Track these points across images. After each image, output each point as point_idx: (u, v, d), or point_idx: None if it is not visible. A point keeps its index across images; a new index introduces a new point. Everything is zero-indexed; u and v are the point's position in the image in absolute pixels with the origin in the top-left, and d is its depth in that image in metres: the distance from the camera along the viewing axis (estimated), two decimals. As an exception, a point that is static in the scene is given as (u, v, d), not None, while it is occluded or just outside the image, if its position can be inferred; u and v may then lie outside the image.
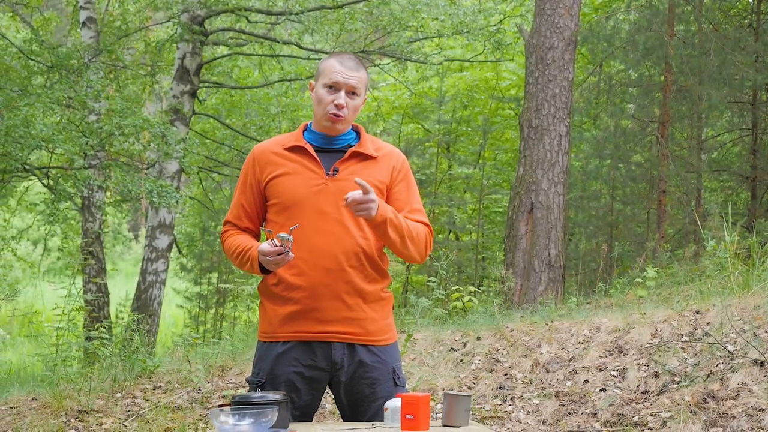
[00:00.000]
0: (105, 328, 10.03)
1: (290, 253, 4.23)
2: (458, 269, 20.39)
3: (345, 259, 4.40)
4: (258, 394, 4.17)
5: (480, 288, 12.60)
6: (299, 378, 4.44)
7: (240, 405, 4.06)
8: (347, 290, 4.41)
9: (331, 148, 4.54)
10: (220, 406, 4.14)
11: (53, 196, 14.89)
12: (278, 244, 4.23)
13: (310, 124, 4.65)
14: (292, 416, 4.35)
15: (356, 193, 4.19)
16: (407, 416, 4.09)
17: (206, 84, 21.05)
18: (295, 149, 4.51)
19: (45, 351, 10.11)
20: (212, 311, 23.35)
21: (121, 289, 24.90)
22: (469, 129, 22.75)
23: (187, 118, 18.68)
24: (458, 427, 4.22)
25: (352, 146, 4.56)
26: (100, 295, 18.30)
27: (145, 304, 18.04)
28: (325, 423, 4.72)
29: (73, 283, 10.25)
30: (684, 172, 16.33)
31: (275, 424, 3.99)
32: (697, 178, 16.65)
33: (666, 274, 12.04)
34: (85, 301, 16.56)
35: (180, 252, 22.96)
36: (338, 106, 4.46)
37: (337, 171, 4.45)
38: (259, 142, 20.27)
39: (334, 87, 4.48)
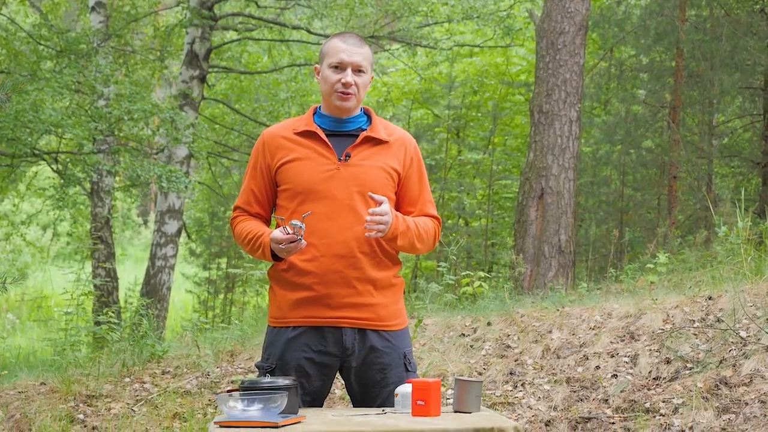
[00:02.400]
0: (113, 312, 9.99)
1: (303, 240, 4.21)
2: (467, 255, 20.34)
3: (357, 245, 4.38)
4: (267, 379, 4.14)
5: (489, 274, 12.55)
6: (309, 363, 4.43)
7: (249, 390, 4.03)
8: (358, 277, 4.40)
9: (342, 132, 4.52)
10: (228, 391, 4.11)
11: (62, 181, 14.87)
12: (291, 231, 4.20)
13: (320, 107, 4.62)
14: (302, 402, 4.34)
15: (373, 211, 4.23)
16: (418, 402, 4.08)
17: (215, 69, 21.01)
18: (306, 134, 4.49)
19: (54, 336, 10.10)
20: (221, 296, 23.34)
21: (130, 274, 24.89)
22: (479, 114, 22.67)
23: (196, 103, 18.63)
24: (469, 412, 4.20)
25: (363, 130, 4.52)
26: (109, 280, 18.31)
27: (154, 289, 18.03)
28: (336, 408, 4.69)
29: (82, 268, 10.24)
30: (695, 158, 16.26)
31: (285, 409, 3.96)
32: (708, 164, 16.58)
33: (677, 260, 11.98)
34: (94, 286, 16.58)
35: (189, 237, 22.94)
36: (346, 84, 4.44)
37: (349, 156, 4.43)
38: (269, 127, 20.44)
39: (339, 66, 4.46)
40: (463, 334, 8.72)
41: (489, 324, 8.79)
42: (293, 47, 22.26)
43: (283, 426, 3.81)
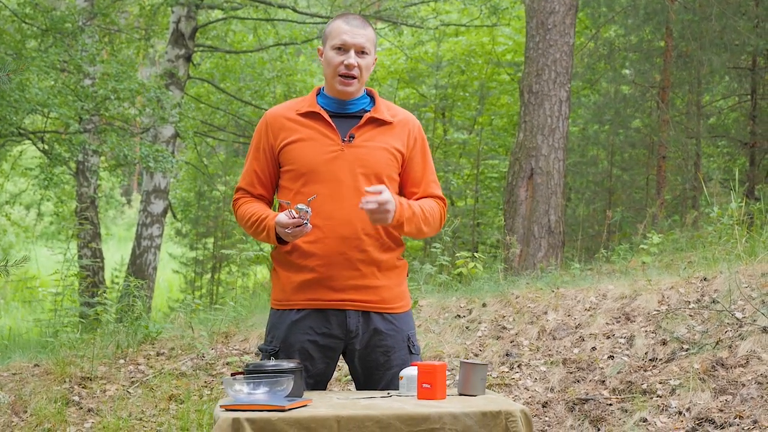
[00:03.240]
0: (104, 293, 9.95)
1: (308, 224, 4.18)
2: (454, 234, 20.35)
3: (361, 227, 4.37)
4: (272, 362, 4.12)
5: (475, 254, 12.56)
6: (313, 346, 4.42)
7: (254, 373, 4.01)
8: (363, 258, 4.39)
9: (345, 113, 4.50)
10: (233, 374, 4.10)
11: (48, 160, 14.79)
12: (296, 215, 4.17)
13: (323, 88, 4.59)
14: (305, 384, 4.31)
15: (371, 201, 4.19)
16: (424, 385, 4.08)
17: (201, 48, 20.91)
18: (310, 115, 4.47)
19: (42, 316, 10.04)
20: (207, 276, 23.28)
21: (114, 253, 24.86)
22: (466, 94, 22.65)
23: (182, 83, 18.57)
24: (474, 395, 4.19)
25: (366, 111, 4.50)
26: (95, 260, 18.24)
27: (140, 269, 18.00)
28: (340, 391, 4.68)
29: (68, 248, 10.19)
30: (684, 138, 16.27)
31: (290, 392, 3.94)
32: (696, 144, 16.60)
33: (667, 240, 11.98)
34: (81, 266, 16.52)
35: (174, 217, 22.88)
36: (349, 66, 4.42)
37: (353, 137, 4.41)
38: (255, 106, 20.29)
39: (342, 48, 4.44)
40: (459, 316, 8.71)
41: (484, 305, 8.78)
42: (278, 26, 22.18)
43: (290, 409, 3.78)
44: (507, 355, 7.90)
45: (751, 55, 16.25)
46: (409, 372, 4.21)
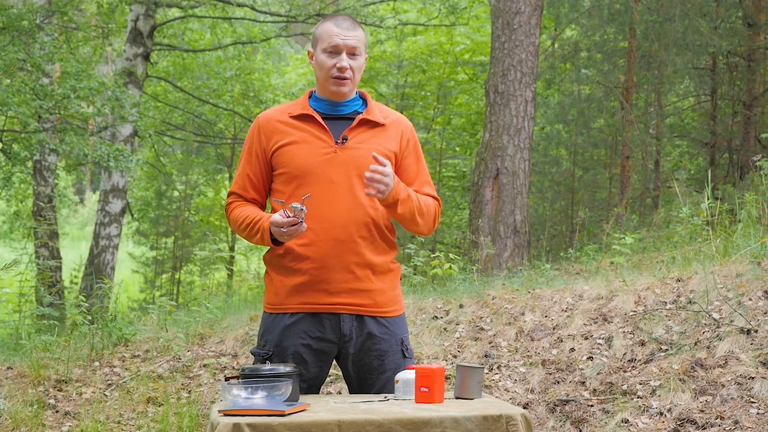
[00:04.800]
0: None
1: (303, 223, 4.13)
2: (412, 234, 20.33)
3: (355, 230, 4.34)
4: (268, 366, 4.08)
5: (433, 253, 12.54)
6: (307, 350, 4.39)
7: (252, 378, 3.97)
8: (357, 262, 4.36)
9: (338, 115, 4.48)
10: (227, 378, 4.06)
11: (7, 159, 14.63)
12: (291, 214, 4.12)
13: (315, 91, 4.55)
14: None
15: (375, 169, 4.16)
16: (422, 389, 4.07)
17: (159, 46, 20.78)
18: (302, 117, 4.44)
19: (3, 317, 9.93)
20: (165, 276, 23.13)
21: (68, 252, 24.65)
22: (428, 93, 22.66)
23: (140, 81, 18.45)
24: (471, 399, 4.17)
25: (359, 113, 4.47)
26: (55, 260, 18.08)
27: (98, 269, 17.88)
28: (337, 395, 4.64)
29: (24, 247, 10.08)
30: (648, 138, 16.37)
31: (288, 397, 3.91)
32: (658, 144, 16.70)
33: (635, 239, 12.03)
34: (40, 266, 16.35)
35: (132, 216, 22.74)
36: (341, 69, 4.40)
37: (346, 139, 4.39)
38: (213, 105, 20.20)
39: (334, 51, 4.42)
40: (436, 317, 8.69)
41: (461, 306, 8.78)
42: (236, 25, 22.11)
43: (289, 414, 3.76)
44: (486, 356, 7.89)
45: (712, 56, 16.37)
46: (406, 375, 4.20)
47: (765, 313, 7.45)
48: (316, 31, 4.49)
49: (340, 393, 7.22)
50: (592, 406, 6.99)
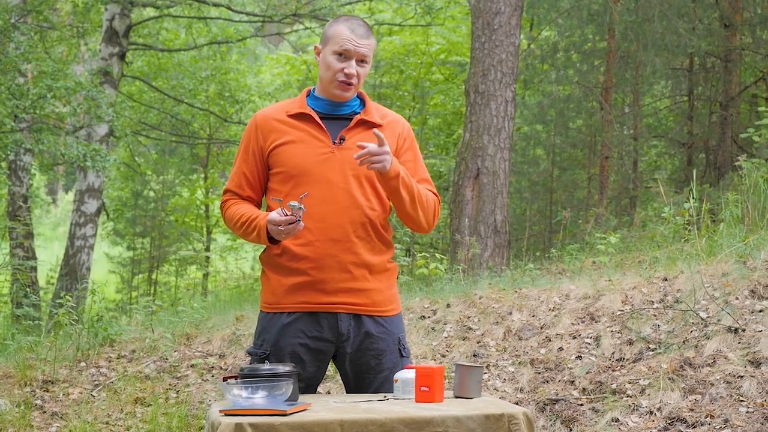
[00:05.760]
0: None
1: (301, 222, 4.11)
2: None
3: (352, 229, 4.34)
4: (267, 365, 4.07)
5: (410, 253, 12.53)
6: (304, 350, 4.37)
7: (252, 377, 3.95)
8: (354, 261, 4.35)
9: (335, 115, 4.47)
10: (225, 378, 4.04)
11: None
12: (288, 213, 4.10)
13: (313, 90, 4.54)
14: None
15: (372, 145, 4.12)
16: (422, 388, 4.06)
17: (135, 46, 20.69)
18: (300, 116, 4.42)
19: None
20: (142, 276, 23.05)
21: (41, 252, 24.51)
22: (404, 93, 22.66)
23: (115, 81, 18.37)
24: (470, 398, 4.16)
25: (357, 113, 4.46)
26: (32, 260, 17.98)
27: (73, 269, 17.79)
28: (336, 395, 4.62)
29: (0, 247, 10.03)
30: (629, 139, 16.42)
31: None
32: (635, 144, 16.75)
33: (617, 238, 12.06)
34: (18, 266, 16.26)
35: (108, 217, 22.65)
36: (348, 75, 4.37)
37: (344, 139, 4.38)
38: (188, 104, 20.12)
39: (344, 55, 4.38)
40: (423, 317, 8.69)
41: (448, 306, 8.77)
42: (211, 24, 22.06)
43: (291, 413, 3.74)
44: (474, 355, 7.89)
45: (689, 57, 16.44)
46: (405, 375, 4.18)
47: (752, 312, 7.48)
48: (328, 29, 4.45)
49: (329, 393, 7.19)
50: (581, 405, 7.00)
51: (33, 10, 17.72)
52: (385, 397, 4.23)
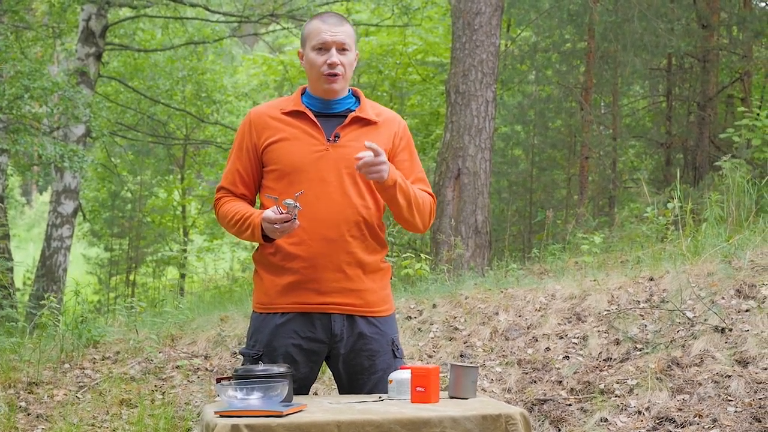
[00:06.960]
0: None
1: (296, 220, 4.07)
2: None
3: (346, 228, 4.30)
4: (261, 366, 4.03)
5: (389, 254, 12.50)
6: (297, 350, 4.34)
7: (246, 378, 3.92)
8: (348, 261, 4.32)
9: (330, 112, 4.44)
10: (218, 379, 4.00)
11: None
12: (284, 211, 4.06)
13: (308, 88, 4.49)
14: (290, 389, 4.23)
15: (367, 155, 4.09)
16: (418, 388, 4.04)
17: (111, 46, 20.59)
18: (294, 114, 4.39)
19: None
20: (119, 277, 22.96)
21: (16, 254, 24.39)
22: (381, 94, 22.64)
23: (92, 81, 18.29)
24: (466, 398, 4.16)
25: (352, 111, 4.43)
26: (7, 261, 17.84)
27: (50, 270, 17.70)
28: (331, 396, 4.60)
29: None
30: (609, 139, 16.46)
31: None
32: (614, 145, 16.79)
33: (599, 238, 12.07)
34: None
35: (84, 217, 22.53)
36: (332, 65, 4.35)
37: (338, 137, 4.34)
38: (165, 105, 20.05)
39: (323, 47, 4.37)
40: (409, 317, 8.67)
41: (434, 306, 8.76)
42: (188, 24, 21.99)
43: (287, 414, 3.71)
44: (461, 356, 7.87)
45: (668, 57, 16.50)
46: (400, 375, 4.16)
47: (738, 312, 7.50)
48: (303, 30, 4.45)
49: (317, 394, 7.16)
50: (570, 405, 6.99)
51: (9, 10, 17.61)
52: (380, 397, 4.20)
